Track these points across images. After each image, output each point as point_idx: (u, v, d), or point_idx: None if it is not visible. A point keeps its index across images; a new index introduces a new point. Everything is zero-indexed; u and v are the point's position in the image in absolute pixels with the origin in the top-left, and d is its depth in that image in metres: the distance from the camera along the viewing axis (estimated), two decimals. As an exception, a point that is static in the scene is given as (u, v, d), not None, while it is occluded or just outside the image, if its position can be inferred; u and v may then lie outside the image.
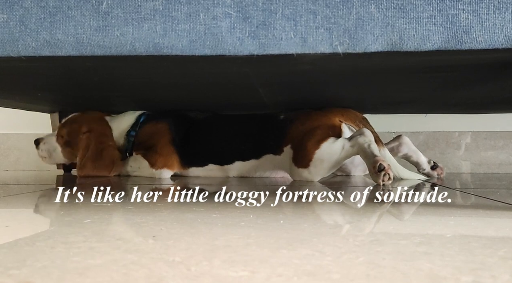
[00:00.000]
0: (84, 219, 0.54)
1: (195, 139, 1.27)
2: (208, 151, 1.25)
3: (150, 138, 1.29)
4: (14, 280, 0.30)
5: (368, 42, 0.57)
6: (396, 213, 0.61)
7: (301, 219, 0.54)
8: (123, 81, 0.85)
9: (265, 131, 1.20)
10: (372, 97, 1.06)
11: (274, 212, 0.60)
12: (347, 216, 0.59)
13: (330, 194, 0.84)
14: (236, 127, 1.26)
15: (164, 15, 0.59)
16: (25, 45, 0.60)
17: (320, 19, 0.58)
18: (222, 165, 1.25)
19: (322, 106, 1.28)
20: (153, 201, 0.72)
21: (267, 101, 1.13)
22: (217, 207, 0.64)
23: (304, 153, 1.11)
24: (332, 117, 1.16)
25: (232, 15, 0.58)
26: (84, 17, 0.59)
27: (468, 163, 1.73)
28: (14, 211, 0.64)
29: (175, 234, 0.45)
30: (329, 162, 1.09)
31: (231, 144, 1.23)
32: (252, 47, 0.59)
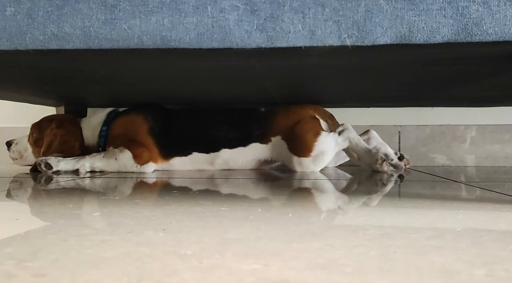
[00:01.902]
0: (93, 212, 0.55)
1: (176, 128, 1.26)
2: (192, 139, 1.25)
3: (125, 130, 1.26)
4: (28, 272, 0.30)
5: (377, 34, 0.57)
6: (404, 206, 0.61)
7: (309, 213, 0.54)
8: (129, 74, 0.85)
9: (250, 121, 1.26)
10: (378, 90, 1.06)
11: (282, 206, 0.60)
12: (355, 209, 0.59)
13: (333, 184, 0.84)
14: (220, 116, 1.29)
15: (171, 8, 0.59)
16: (32, 38, 0.60)
17: (329, 12, 0.57)
18: (208, 152, 1.25)
19: (327, 100, 1.30)
20: (161, 194, 0.72)
21: (273, 94, 1.13)
22: (224, 200, 0.65)
23: (304, 144, 1.20)
24: (309, 110, 1.28)
25: (240, 7, 0.58)
26: (91, 10, 0.59)
27: (474, 156, 1.73)
28: (23, 204, 0.64)
29: (185, 227, 0.45)
30: (327, 154, 1.20)
31: (218, 132, 1.25)
32: (260, 40, 0.59)
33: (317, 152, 1.18)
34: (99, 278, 0.29)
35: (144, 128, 1.24)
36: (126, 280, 0.28)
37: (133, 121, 1.26)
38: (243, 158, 1.27)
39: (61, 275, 0.29)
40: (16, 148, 1.34)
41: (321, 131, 1.21)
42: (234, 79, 0.89)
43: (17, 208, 0.61)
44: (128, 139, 1.23)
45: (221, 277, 0.29)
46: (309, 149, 1.19)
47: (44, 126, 1.33)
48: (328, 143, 1.19)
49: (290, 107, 1.29)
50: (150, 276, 0.29)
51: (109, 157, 1.20)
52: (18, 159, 1.35)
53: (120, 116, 1.30)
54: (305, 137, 1.20)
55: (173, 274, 0.30)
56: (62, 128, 1.29)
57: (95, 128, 1.31)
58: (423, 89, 1.03)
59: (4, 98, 1.35)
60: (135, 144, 1.22)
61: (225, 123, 1.26)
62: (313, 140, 1.19)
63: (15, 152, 1.34)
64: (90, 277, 0.29)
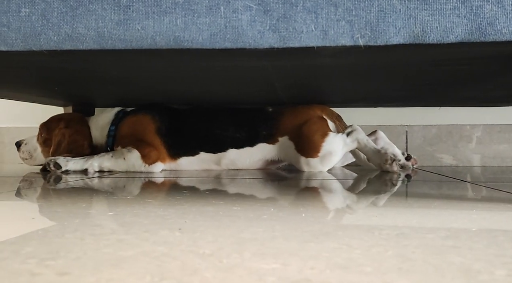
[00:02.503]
0: (107, 211, 0.55)
1: (184, 128, 1.26)
2: (199, 139, 1.26)
3: (132, 129, 1.27)
4: (51, 270, 0.30)
5: (390, 34, 0.57)
6: (414, 206, 0.61)
7: (321, 212, 0.55)
8: (141, 75, 0.85)
9: (257, 121, 1.27)
10: (388, 89, 1.05)
11: (294, 206, 0.60)
12: (366, 209, 0.59)
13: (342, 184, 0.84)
14: (227, 116, 1.29)
15: (184, 9, 0.59)
16: (47, 39, 0.60)
17: (342, 12, 0.57)
18: (215, 152, 1.26)
19: (335, 100, 1.30)
20: (172, 194, 0.72)
21: (282, 94, 1.13)
22: (236, 200, 0.65)
23: (311, 145, 1.20)
24: (317, 110, 1.28)
25: (253, 8, 0.58)
26: (105, 10, 0.59)
27: (481, 156, 1.72)
28: (36, 204, 0.65)
29: (200, 227, 0.45)
30: (335, 154, 1.20)
31: (225, 132, 1.26)
32: (273, 40, 0.59)
33: (325, 152, 1.19)
34: (121, 277, 0.29)
35: (151, 128, 1.25)
36: (149, 279, 0.29)
37: (140, 121, 1.27)
38: (250, 158, 1.27)
39: (84, 273, 0.30)
40: (26, 148, 1.35)
41: (328, 131, 1.21)
42: (244, 79, 0.89)
43: (31, 207, 0.62)
44: (136, 139, 1.24)
45: (242, 276, 0.29)
46: (317, 150, 1.19)
47: (52, 126, 1.33)
48: (336, 143, 1.19)
49: (297, 107, 1.30)
50: (171, 275, 0.29)
51: (118, 157, 1.20)
52: (28, 159, 1.36)
53: (128, 116, 1.30)
54: (313, 138, 1.20)
55: (194, 273, 0.30)
56: (70, 127, 1.29)
57: (104, 127, 1.32)
58: (433, 89, 1.03)
59: (14, 98, 1.36)
60: (143, 144, 1.22)
61: (232, 123, 1.27)
62: (320, 141, 1.19)
63: (25, 152, 1.35)
64: (112, 275, 0.29)
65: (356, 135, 1.19)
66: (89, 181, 0.97)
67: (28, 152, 1.35)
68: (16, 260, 0.33)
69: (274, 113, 1.29)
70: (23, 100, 1.38)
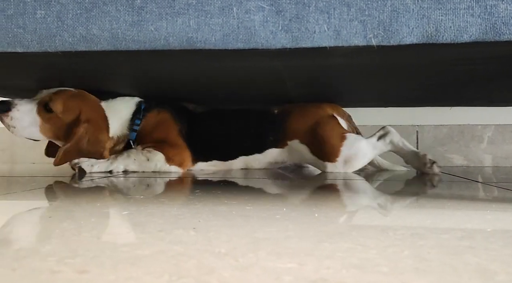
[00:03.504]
0: (122, 211, 0.56)
1: (199, 134, 1.26)
2: (212, 147, 1.26)
3: (156, 129, 1.23)
4: (71, 268, 0.31)
5: (403, 34, 0.57)
6: (428, 207, 0.61)
7: (334, 212, 0.55)
8: (152, 74, 0.86)
9: (263, 127, 1.25)
10: (400, 89, 1.05)
11: (307, 206, 0.60)
12: (381, 209, 0.58)
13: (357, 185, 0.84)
14: (236, 122, 1.28)
15: (197, 9, 0.59)
16: (62, 40, 0.61)
17: (354, 12, 0.57)
18: (227, 160, 1.28)
19: (346, 99, 1.30)
20: (184, 193, 0.73)
21: (292, 94, 1.13)
22: (248, 200, 0.65)
23: (329, 149, 1.17)
24: (327, 109, 1.24)
25: (265, 8, 0.58)
26: (119, 12, 0.60)
27: (492, 156, 1.70)
28: (53, 203, 0.66)
29: (213, 226, 0.46)
30: (360, 157, 1.17)
31: (235, 141, 1.26)
32: (285, 40, 0.59)
33: (345, 156, 1.16)
34: (139, 275, 0.29)
35: (175, 129, 1.23)
36: (167, 278, 0.29)
37: (165, 121, 1.24)
38: (260, 162, 1.28)
39: (103, 271, 0.30)
40: (17, 115, 1.08)
41: (345, 133, 1.18)
42: (254, 79, 0.89)
43: (47, 206, 0.63)
44: (159, 140, 1.22)
45: (258, 275, 0.30)
46: (335, 154, 1.16)
47: (71, 106, 1.10)
48: (357, 146, 1.16)
49: (305, 107, 1.26)
50: (189, 274, 0.30)
51: (142, 161, 1.18)
52: (17, 128, 1.10)
53: (151, 112, 1.25)
54: (330, 142, 1.17)
55: (211, 272, 0.30)
56: (93, 123, 1.12)
57: (125, 119, 1.22)
58: (445, 88, 1.02)
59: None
60: (166, 146, 1.20)
61: (240, 131, 1.26)
62: (339, 145, 1.16)
63: (15, 119, 1.08)
64: (131, 274, 0.30)
65: (391, 137, 1.17)
66: (104, 180, 0.98)
67: (20, 120, 1.09)
68: (36, 258, 0.33)
69: (280, 115, 1.26)
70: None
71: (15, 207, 0.61)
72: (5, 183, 0.93)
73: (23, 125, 1.09)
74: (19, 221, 0.51)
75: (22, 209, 0.60)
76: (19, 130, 1.10)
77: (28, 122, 1.09)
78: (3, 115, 1.08)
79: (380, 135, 1.19)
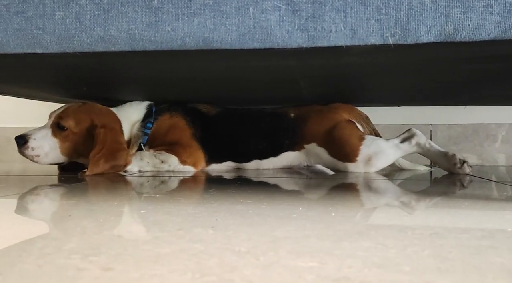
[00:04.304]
0: (139, 209, 0.56)
1: (213, 136, 1.26)
2: (226, 149, 1.27)
3: (168, 132, 1.24)
4: (96, 266, 0.31)
5: (420, 32, 0.56)
6: (445, 206, 0.60)
7: (351, 212, 0.54)
8: (168, 74, 0.86)
9: (279, 130, 1.25)
10: (415, 88, 1.04)
11: (323, 205, 0.60)
12: (397, 208, 0.58)
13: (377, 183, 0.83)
14: (251, 125, 1.27)
15: (214, 10, 0.60)
16: (80, 41, 0.62)
17: (371, 10, 0.57)
18: (240, 163, 1.28)
19: (360, 99, 1.29)
20: (199, 192, 0.73)
21: (306, 94, 1.13)
22: (263, 199, 0.65)
23: (348, 150, 1.18)
24: (343, 114, 1.25)
25: (281, 8, 0.59)
26: (136, 13, 0.61)
27: (505, 155, 1.68)
28: (72, 201, 0.66)
29: (232, 225, 0.46)
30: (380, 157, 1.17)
31: (249, 144, 1.26)
32: (301, 39, 0.59)
33: (364, 156, 1.16)
34: (163, 273, 0.30)
35: (188, 132, 1.24)
36: (190, 275, 0.29)
37: (177, 125, 1.25)
38: (274, 165, 1.29)
39: (127, 269, 0.31)
40: (36, 144, 1.10)
41: (363, 135, 1.19)
42: (269, 78, 0.90)
43: (66, 205, 0.63)
44: (172, 142, 1.23)
45: (281, 273, 0.30)
46: (355, 154, 1.17)
47: (82, 118, 1.11)
48: (376, 146, 1.16)
49: (322, 111, 1.26)
50: (211, 272, 0.30)
51: (156, 164, 1.19)
52: (40, 157, 1.10)
53: (163, 115, 1.27)
54: (349, 143, 1.17)
55: (233, 270, 0.30)
56: (108, 127, 1.11)
57: (136, 123, 1.23)
58: (460, 87, 1.01)
59: (36, 98, 1.39)
60: (180, 148, 1.21)
61: (255, 134, 1.26)
62: (358, 144, 1.16)
63: (36, 149, 1.10)
64: (155, 271, 0.30)
65: (417, 139, 1.17)
66: (118, 179, 0.99)
67: (40, 148, 1.10)
68: (60, 255, 0.34)
69: (297, 119, 1.26)
70: (47, 100, 1.41)
71: (34, 206, 0.62)
72: (18, 182, 0.94)
73: (44, 152, 1.11)
74: (40, 219, 0.52)
75: (41, 208, 0.61)
76: (43, 157, 1.11)
77: (48, 147, 1.11)
78: (23, 148, 1.09)
79: (405, 137, 1.19)
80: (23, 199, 0.67)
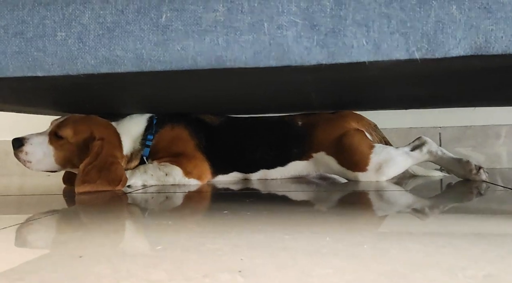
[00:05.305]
0: (155, 244, 0.52)
1: (218, 146, 1.23)
2: (232, 160, 1.24)
3: (171, 143, 1.20)
4: None
5: (450, 46, 0.53)
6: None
7: (386, 243, 0.51)
8: (174, 92, 0.83)
9: (287, 139, 1.23)
10: (432, 94, 1.00)
11: (350, 232, 0.56)
12: (437, 237, 0.54)
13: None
14: (257, 134, 1.25)
15: (226, 26, 0.56)
16: (84, 63, 0.58)
17: (395, 24, 0.53)
18: (247, 173, 1.26)
19: (369, 106, 1.26)
20: (212, 215, 0.69)
21: (314, 103, 1.10)
22: (283, 225, 0.61)
23: (358, 159, 1.15)
24: (352, 123, 1.23)
25: (299, 23, 0.55)
26: (143, 31, 0.57)
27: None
28: (77, 233, 0.62)
29: (259, 266, 0.42)
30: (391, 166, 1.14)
31: (255, 153, 1.23)
32: (321, 56, 0.55)
33: (375, 164, 1.14)
34: None
35: (192, 143, 1.21)
36: None
37: (180, 136, 1.22)
38: (282, 175, 1.26)
39: None
40: (31, 149, 1.09)
41: (372, 144, 1.17)
42: (280, 92, 0.86)
43: (73, 238, 0.59)
44: (176, 154, 1.19)
45: None
46: (365, 163, 1.15)
47: (81, 129, 1.10)
48: (386, 154, 1.14)
49: (331, 120, 1.24)
50: None
51: (160, 176, 1.16)
52: (33, 163, 1.10)
53: (164, 127, 1.23)
54: (358, 150, 1.15)
55: None
56: (105, 140, 1.09)
57: (137, 136, 1.21)
58: (476, 92, 0.97)
59: (37, 113, 1.35)
60: (184, 160, 1.18)
61: (261, 143, 1.23)
62: (368, 153, 1.14)
63: (29, 154, 1.09)
64: None
65: (428, 147, 1.15)
66: (124, 197, 0.95)
67: (34, 154, 1.09)
68: None
69: (304, 127, 1.24)
70: (48, 114, 1.38)
71: (36, 239, 0.58)
72: (16, 204, 0.90)
73: (37, 158, 1.10)
74: (44, 261, 0.48)
75: (44, 243, 0.57)
76: (35, 164, 1.11)
77: (42, 153, 1.10)
78: (18, 151, 1.09)
79: (415, 145, 1.17)
80: (21, 233, 0.63)
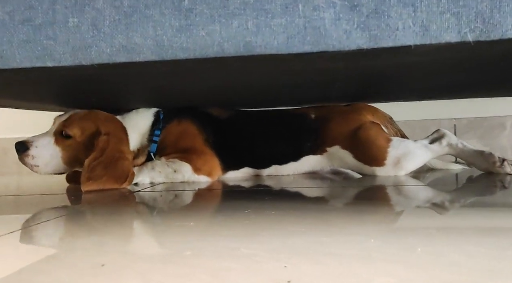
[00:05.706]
0: (183, 249, 0.47)
1: (227, 141, 1.19)
2: (242, 155, 1.19)
3: (179, 139, 1.16)
4: None
5: (507, 27, 0.47)
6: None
7: (440, 245, 0.46)
8: (191, 83, 0.77)
9: (300, 133, 1.18)
10: (457, 83, 0.94)
11: (394, 233, 0.51)
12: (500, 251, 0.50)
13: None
14: (268, 127, 1.20)
15: (256, 9, 0.51)
16: (98, 51, 0.53)
17: (445, 2, 0.48)
18: (259, 168, 1.22)
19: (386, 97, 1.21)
20: (236, 215, 0.64)
21: (332, 95, 1.04)
22: (314, 224, 0.56)
23: (375, 153, 1.11)
24: (367, 115, 1.19)
25: (337, 3, 0.50)
26: (164, 16, 0.52)
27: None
28: (94, 237, 0.57)
29: (307, 276, 0.37)
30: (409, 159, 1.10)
31: (268, 148, 1.19)
32: (362, 40, 0.50)
33: (393, 158, 1.09)
34: None
35: (200, 138, 1.17)
36: None
37: (186, 130, 1.17)
38: (295, 171, 1.21)
39: None
40: (37, 152, 1.03)
41: (389, 137, 1.13)
42: (303, 82, 0.81)
43: (92, 245, 0.55)
44: (184, 149, 1.15)
45: None
46: (383, 157, 1.10)
47: (87, 126, 1.05)
48: (404, 147, 1.10)
49: (345, 113, 1.20)
50: None
51: (169, 172, 1.11)
52: (40, 167, 1.04)
53: (172, 122, 1.19)
54: (375, 144, 1.11)
55: None
56: (112, 135, 1.03)
57: (145, 131, 1.16)
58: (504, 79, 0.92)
59: (36, 109, 1.30)
60: (193, 156, 1.13)
61: (273, 137, 1.18)
62: (385, 146, 1.10)
63: (37, 157, 1.03)
64: None
65: (448, 140, 1.11)
66: (139, 197, 0.90)
67: (41, 157, 1.03)
68: None
69: (318, 120, 1.19)
70: (53, 110, 1.33)
71: (50, 245, 0.53)
72: (16, 205, 0.85)
73: (45, 161, 1.04)
74: (64, 272, 0.43)
75: (60, 249, 0.52)
76: (43, 167, 1.05)
77: (49, 155, 1.05)
78: (23, 155, 1.03)
79: (434, 138, 1.13)
80: (31, 237, 0.58)
